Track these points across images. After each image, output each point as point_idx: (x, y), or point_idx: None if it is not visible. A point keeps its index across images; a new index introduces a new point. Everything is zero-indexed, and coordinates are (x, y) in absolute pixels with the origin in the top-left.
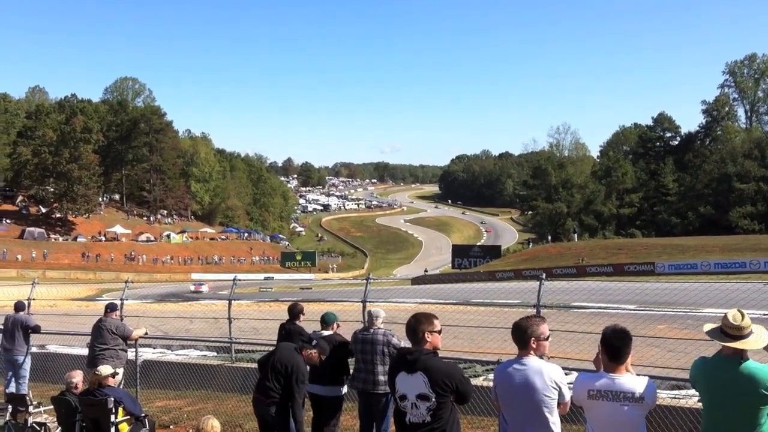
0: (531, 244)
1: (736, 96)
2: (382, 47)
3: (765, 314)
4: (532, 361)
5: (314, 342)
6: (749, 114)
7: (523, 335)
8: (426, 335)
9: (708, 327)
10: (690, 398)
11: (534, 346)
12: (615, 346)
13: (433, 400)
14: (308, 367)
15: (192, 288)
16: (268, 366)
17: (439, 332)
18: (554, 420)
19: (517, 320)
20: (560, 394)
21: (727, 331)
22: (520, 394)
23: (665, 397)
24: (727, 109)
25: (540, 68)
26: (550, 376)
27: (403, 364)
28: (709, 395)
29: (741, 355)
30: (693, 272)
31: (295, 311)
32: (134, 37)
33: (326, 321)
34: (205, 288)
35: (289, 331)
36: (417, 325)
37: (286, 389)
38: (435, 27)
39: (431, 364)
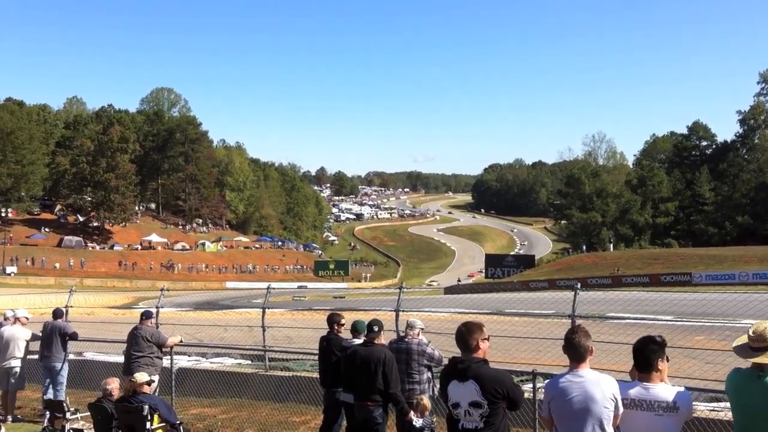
0: (568, 254)
1: None
2: (416, 57)
3: None
4: (588, 373)
5: (349, 351)
6: None
7: (579, 350)
8: (479, 343)
9: (738, 342)
10: (728, 411)
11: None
12: (642, 356)
13: (486, 407)
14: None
15: None
16: (354, 370)
17: (487, 339)
18: None
19: (570, 335)
20: (616, 407)
21: (752, 345)
22: (578, 407)
23: (703, 409)
24: (763, 117)
25: (574, 77)
26: (609, 388)
27: (454, 373)
28: (737, 408)
29: (762, 368)
30: (731, 283)
31: (331, 321)
32: (170, 49)
33: (357, 329)
34: None
35: (329, 342)
36: (468, 333)
37: (382, 384)
38: (469, 37)
39: (482, 372)
